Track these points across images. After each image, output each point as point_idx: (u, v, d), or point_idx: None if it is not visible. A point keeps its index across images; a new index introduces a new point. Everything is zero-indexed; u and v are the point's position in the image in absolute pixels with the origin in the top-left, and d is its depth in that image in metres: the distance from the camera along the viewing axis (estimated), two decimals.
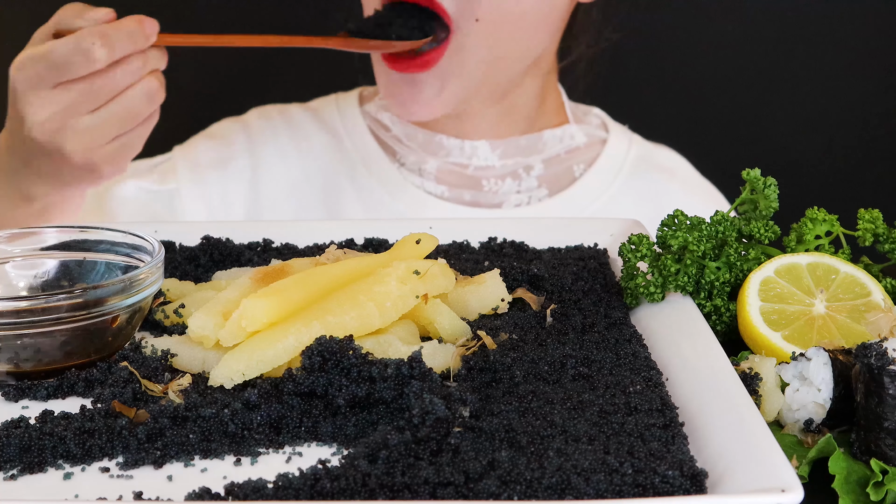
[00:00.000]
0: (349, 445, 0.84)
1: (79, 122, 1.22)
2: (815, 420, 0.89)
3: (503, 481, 0.75)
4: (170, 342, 0.96)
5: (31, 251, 1.05)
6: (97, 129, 1.23)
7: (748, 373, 0.91)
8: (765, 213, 1.07)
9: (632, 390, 0.88)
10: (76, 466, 0.81)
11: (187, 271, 1.15)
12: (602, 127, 1.73)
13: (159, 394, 0.89)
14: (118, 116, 1.23)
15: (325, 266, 1.01)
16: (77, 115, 1.22)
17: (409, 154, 1.64)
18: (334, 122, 1.69)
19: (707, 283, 1.04)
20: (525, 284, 1.09)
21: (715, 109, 2.22)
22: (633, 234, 1.07)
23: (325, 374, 0.86)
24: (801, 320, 0.98)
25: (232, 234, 1.22)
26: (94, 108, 1.22)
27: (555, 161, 1.66)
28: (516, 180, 1.64)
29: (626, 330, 1.00)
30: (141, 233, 1.04)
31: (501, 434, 0.81)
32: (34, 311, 0.91)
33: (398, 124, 1.65)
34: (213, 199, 1.63)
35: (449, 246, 1.23)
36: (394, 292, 0.96)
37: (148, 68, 1.23)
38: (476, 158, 1.63)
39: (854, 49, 2.18)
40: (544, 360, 0.93)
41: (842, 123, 2.22)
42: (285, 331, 0.91)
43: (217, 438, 0.84)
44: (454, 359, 0.93)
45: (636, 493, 0.75)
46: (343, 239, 1.23)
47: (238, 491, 0.75)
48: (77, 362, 0.94)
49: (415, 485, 0.75)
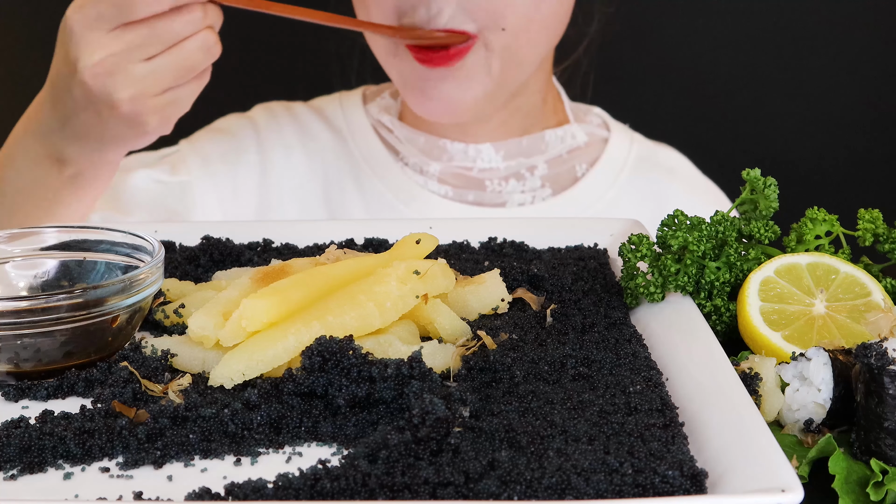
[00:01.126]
0: (349, 445, 0.84)
1: (134, 67, 1.18)
2: (815, 420, 0.89)
3: (503, 481, 0.75)
4: (170, 342, 0.96)
5: (31, 251, 1.05)
6: (151, 77, 1.19)
7: (748, 373, 0.91)
8: (765, 213, 1.07)
9: (632, 390, 0.88)
10: (76, 466, 0.81)
11: (187, 271, 1.15)
12: (603, 126, 1.73)
13: (159, 394, 0.89)
14: (174, 66, 1.19)
15: (325, 266, 1.01)
16: (133, 60, 1.18)
17: (411, 155, 1.64)
18: (338, 121, 1.69)
19: (707, 283, 1.04)
20: (525, 284, 1.09)
21: (715, 109, 2.22)
22: (633, 234, 1.07)
23: (325, 374, 0.87)
24: (801, 320, 0.98)
25: (232, 234, 1.22)
26: (151, 55, 1.18)
27: (557, 161, 1.66)
28: (520, 181, 1.64)
29: (626, 330, 1.00)
30: (141, 233, 1.04)
31: (501, 434, 0.81)
32: (34, 311, 0.91)
33: (400, 127, 1.65)
34: (225, 192, 1.63)
35: (449, 246, 1.23)
36: (394, 292, 0.96)
37: (207, 21, 1.20)
38: (480, 161, 1.63)
39: (854, 49, 2.18)
40: (544, 360, 0.93)
41: (842, 123, 2.22)
42: (285, 331, 0.91)
43: (217, 438, 0.84)
44: (454, 359, 0.93)
45: (636, 493, 0.75)
46: (343, 239, 1.23)
47: (238, 491, 0.75)
48: (77, 362, 0.94)
49: (415, 485, 0.75)
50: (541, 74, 1.63)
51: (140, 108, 1.21)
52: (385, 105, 1.68)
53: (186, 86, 1.22)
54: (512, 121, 1.64)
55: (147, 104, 1.21)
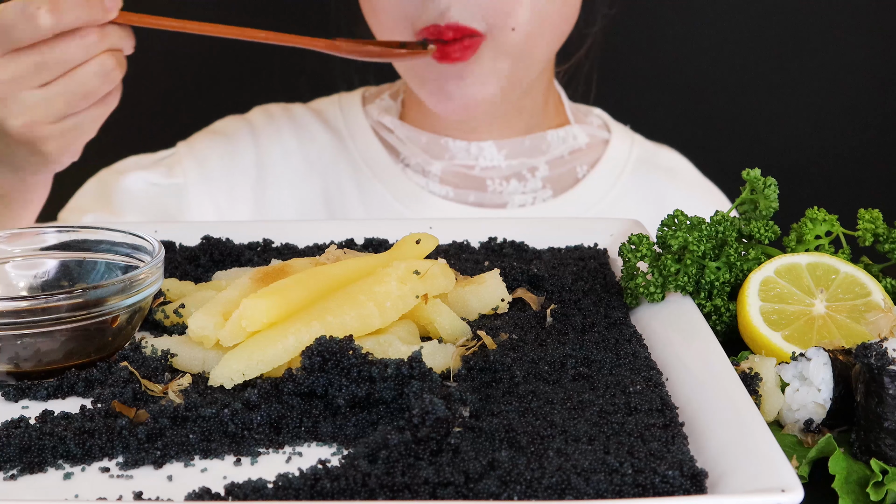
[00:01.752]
0: (349, 445, 0.84)
1: (26, 95, 1.14)
2: (815, 420, 0.89)
3: (503, 481, 0.75)
4: (170, 342, 0.96)
5: (31, 251, 1.05)
6: (44, 104, 1.15)
7: (748, 373, 0.91)
8: (765, 213, 1.07)
9: (632, 390, 0.88)
10: (76, 466, 0.81)
11: (187, 271, 1.15)
12: (604, 127, 1.74)
13: (159, 394, 0.89)
14: (68, 93, 1.15)
15: (325, 266, 1.01)
16: (24, 87, 1.14)
17: (412, 155, 1.64)
18: (337, 123, 1.69)
19: (707, 283, 1.04)
20: (525, 284, 1.09)
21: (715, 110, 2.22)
22: (632, 234, 1.07)
23: (325, 374, 0.87)
24: (801, 320, 0.98)
25: (232, 234, 1.22)
26: (44, 81, 1.14)
27: (558, 162, 1.67)
28: (521, 181, 1.64)
29: (626, 330, 1.00)
30: (141, 233, 1.04)
31: (501, 434, 0.81)
32: (34, 311, 0.91)
33: (401, 127, 1.65)
34: (220, 194, 1.63)
35: (449, 246, 1.23)
36: (394, 292, 0.96)
37: (105, 45, 1.15)
38: (482, 159, 1.63)
39: (854, 49, 2.18)
40: (544, 360, 0.93)
41: (842, 123, 2.22)
42: (285, 331, 0.91)
43: (217, 438, 0.84)
44: (454, 359, 0.93)
45: (636, 493, 0.75)
46: (343, 239, 1.23)
47: (238, 491, 0.75)
48: (77, 362, 0.94)
49: (415, 485, 0.75)
50: (543, 75, 1.63)
51: (36, 136, 1.18)
52: (385, 106, 1.68)
53: (87, 112, 1.18)
54: (515, 120, 1.64)
55: (42, 131, 1.17)
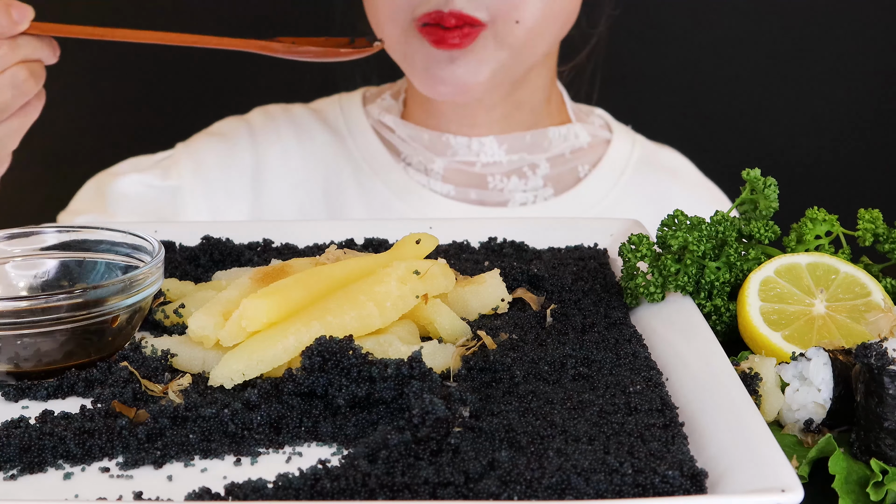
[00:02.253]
0: (349, 445, 0.84)
1: None
2: (815, 420, 0.89)
3: (503, 481, 0.75)
4: (170, 342, 0.96)
5: (31, 251, 1.05)
6: None
7: (748, 373, 0.91)
8: (765, 213, 1.07)
9: (632, 390, 0.88)
10: (76, 466, 0.81)
11: (187, 271, 1.15)
12: (605, 127, 1.74)
13: (159, 394, 0.89)
14: None
15: (325, 266, 1.01)
16: None
17: (414, 154, 1.64)
18: (338, 123, 1.69)
19: (707, 283, 1.04)
20: (525, 284, 1.09)
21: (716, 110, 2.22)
22: (632, 234, 1.07)
23: (325, 374, 0.87)
24: (801, 320, 0.98)
25: (232, 234, 1.22)
26: None
27: (559, 160, 1.66)
28: (522, 179, 1.64)
29: (626, 330, 1.00)
30: (141, 233, 1.04)
31: (501, 434, 0.81)
32: (34, 311, 0.91)
33: (403, 126, 1.65)
34: (217, 196, 1.62)
35: (449, 246, 1.23)
36: (394, 292, 0.96)
37: (17, 57, 1.14)
38: (483, 154, 1.63)
39: (854, 49, 2.18)
40: (544, 360, 0.93)
41: (842, 123, 2.22)
42: (285, 331, 0.91)
43: (217, 438, 0.84)
44: (454, 359, 0.93)
45: (636, 493, 0.75)
46: (343, 239, 1.23)
47: (238, 491, 0.75)
48: (77, 362, 0.94)
49: (415, 485, 0.75)
50: (545, 72, 1.63)
51: None
52: (386, 106, 1.68)
53: (6, 123, 1.18)
54: (515, 115, 1.64)
55: None
